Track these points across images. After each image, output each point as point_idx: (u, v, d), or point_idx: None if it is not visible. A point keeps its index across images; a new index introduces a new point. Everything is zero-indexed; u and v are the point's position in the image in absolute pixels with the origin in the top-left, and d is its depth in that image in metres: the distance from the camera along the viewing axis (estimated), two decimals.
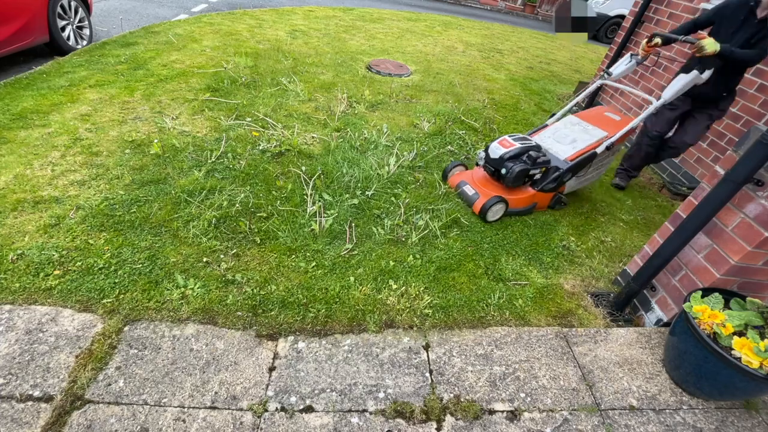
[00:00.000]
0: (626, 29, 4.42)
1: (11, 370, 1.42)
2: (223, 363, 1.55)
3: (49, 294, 1.70)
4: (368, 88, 4.21)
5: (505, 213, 2.56)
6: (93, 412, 1.35)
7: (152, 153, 2.63)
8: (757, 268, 1.74)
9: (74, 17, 4.15)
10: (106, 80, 3.48)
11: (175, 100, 3.34)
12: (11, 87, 3.15)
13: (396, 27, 7.18)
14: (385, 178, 2.80)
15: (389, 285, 2.00)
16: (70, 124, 2.81)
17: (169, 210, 2.21)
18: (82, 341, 1.54)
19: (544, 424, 1.51)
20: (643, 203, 3.21)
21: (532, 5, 13.53)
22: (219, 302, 1.78)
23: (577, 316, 2.02)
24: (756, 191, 1.62)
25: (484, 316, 1.94)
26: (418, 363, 1.66)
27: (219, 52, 4.46)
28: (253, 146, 2.90)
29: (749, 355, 1.45)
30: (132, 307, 1.70)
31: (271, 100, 3.60)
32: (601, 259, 2.45)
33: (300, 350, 1.64)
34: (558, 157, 2.57)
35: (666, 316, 1.97)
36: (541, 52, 7.50)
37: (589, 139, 2.60)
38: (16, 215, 2.04)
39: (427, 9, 10.26)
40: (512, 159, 2.41)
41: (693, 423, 1.59)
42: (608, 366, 1.77)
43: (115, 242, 1.97)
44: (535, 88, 5.33)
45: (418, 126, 3.64)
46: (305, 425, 1.40)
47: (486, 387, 1.60)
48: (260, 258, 2.04)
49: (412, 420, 1.46)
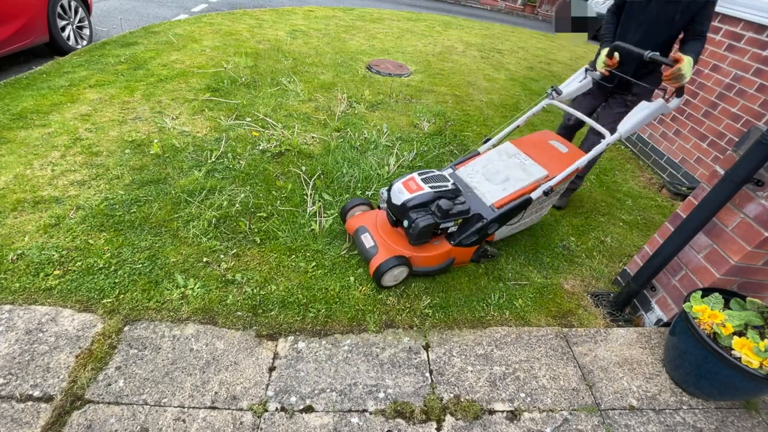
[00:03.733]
0: None
1: (11, 370, 1.42)
2: (223, 363, 1.55)
3: (49, 294, 1.70)
4: (368, 88, 4.21)
5: (410, 274, 1.99)
6: (93, 412, 1.35)
7: (152, 153, 2.63)
8: (757, 268, 1.74)
9: (74, 17, 4.15)
10: (106, 80, 3.48)
11: (175, 100, 3.34)
12: (11, 87, 3.15)
13: (396, 27, 7.18)
14: (385, 178, 2.80)
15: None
16: (70, 124, 2.81)
17: (169, 210, 2.21)
18: (82, 341, 1.54)
19: (544, 424, 1.51)
20: (643, 203, 3.21)
21: (532, 5, 13.53)
22: (219, 302, 1.78)
23: (577, 316, 2.02)
24: (756, 191, 1.62)
25: (484, 316, 1.94)
26: (418, 363, 1.66)
27: (219, 52, 4.46)
28: (253, 146, 2.90)
29: (749, 355, 1.45)
30: (132, 307, 1.70)
31: (271, 100, 3.60)
32: (601, 259, 2.45)
33: (300, 350, 1.64)
34: (484, 202, 2.04)
35: (666, 316, 1.97)
36: (541, 52, 7.50)
37: (525, 179, 2.06)
38: (16, 215, 2.04)
39: (427, 9, 10.26)
40: (417, 208, 1.84)
41: (693, 423, 1.59)
42: (608, 366, 1.77)
43: (115, 242, 1.97)
44: (535, 88, 5.33)
45: (418, 126, 3.64)
46: (305, 425, 1.40)
47: (486, 387, 1.60)
48: (260, 258, 2.04)
49: (412, 420, 1.46)
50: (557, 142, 2.31)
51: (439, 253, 1.98)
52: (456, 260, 2.09)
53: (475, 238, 1.99)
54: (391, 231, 2.04)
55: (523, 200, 1.99)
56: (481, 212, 1.99)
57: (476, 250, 2.15)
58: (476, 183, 2.14)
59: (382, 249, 1.94)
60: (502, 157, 2.22)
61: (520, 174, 2.10)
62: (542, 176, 2.06)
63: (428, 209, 1.86)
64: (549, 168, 2.10)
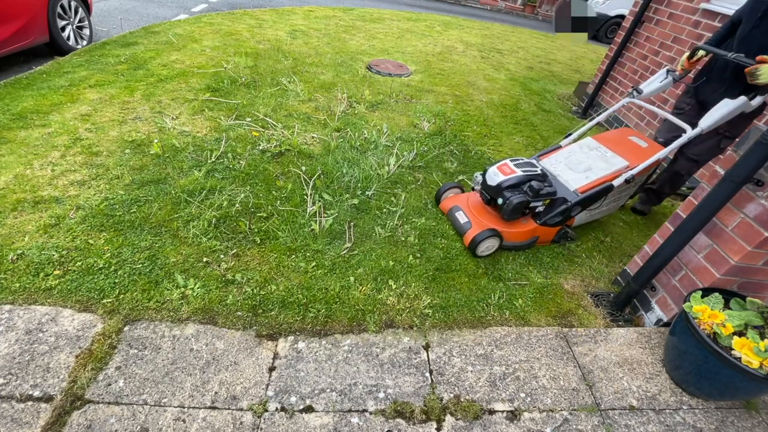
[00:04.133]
0: (626, 29, 4.42)
1: (11, 370, 1.42)
2: (223, 363, 1.55)
3: (49, 294, 1.70)
4: (368, 88, 4.21)
5: (500, 247, 2.27)
6: (93, 412, 1.35)
7: (152, 153, 2.63)
8: (757, 268, 1.74)
9: (74, 17, 4.15)
10: (106, 80, 3.48)
11: (175, 100, 3.34)
12: (11, 87, 3.15)
13: (396, 27, 7.18)
14: (385, 178, 2.80)
15: (389, 285, 2.00)
16: (70, 124, 2.81)
17: (169, 210, 2.21)
18: (82, 341, 1.54)
19: (544, 424, 1.51)
20: None
21: (532, 5, 13.53)
22: (219, 302, 1.78)
23: (577, 316, 2.02)
24: (756, 191, 1.62)
25: (484, 316, 1.94)
26: (418, 363, 1.66)
27: (219, 52, 4.46)
28: (253, 146, 2.90)
29: (749, 355, 1.45)
30: (132, 307, 1.70)
31: (271, 100, 3.60)
32: (601, 259, 2.45)
33: (300, 350, 1.64)
34: (567, 187, 2.24)
35: (666, 316, 1.97)
36: (541, 52, 7.50)
37: (607, 168, 2.25)
38: (16, 215, 2.04)
39: (427, 9, 10.26)
40: (511, 188, 2.13)
41: (693, 423, 1.59)
42: (608, 366, 1.77)
43: (115, 242, 1.97)
44: (535, 88, 5.33)
45: (418, 126, 3.64)
46: (305, 425, 1.40)
47: (486, 387, 1.60)
48: (260, 258, 2.04)
49: (412, 420, 1.46)
50: (637, 138, 2.46)
51: (526, 230, 2.26)
52: (540, 238, 2.35)
53: (559, 218, 2.24)
54: (482, 210, 2.34)
55: (605, 187, 2.18)
56: (566, 196, 2.21)
57: (558, 231, 2.38)
58: (559, 171, 2.35)
59: (475, 224, 2.26)
60: (583, 149, 2.42)
61: (601, 164, 2.29)
62: (623, 166, 2.23)
63: (520, 189, 2.14)
64: (630, 159, 2.27)
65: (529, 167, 2.20)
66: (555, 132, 4.08)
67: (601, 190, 2.19)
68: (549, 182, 2.20)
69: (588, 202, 2.22)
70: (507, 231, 2.22)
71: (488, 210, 2.33)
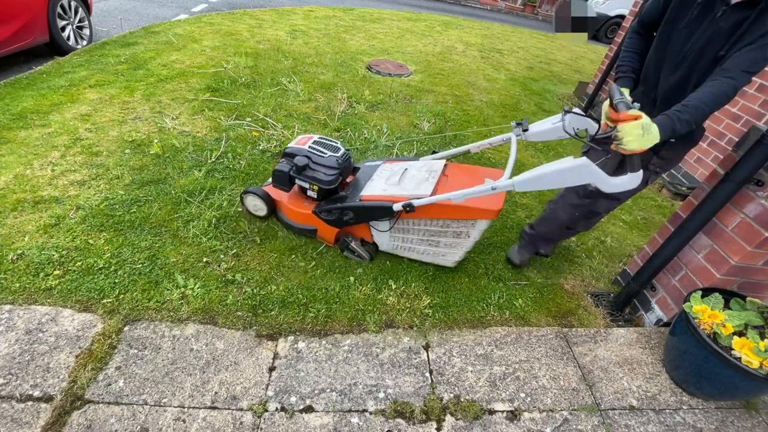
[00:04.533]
0: (626, 29, 4.42)
1: (11, 370, 1.42)
2: (223, 363, 1.55)
3: (49, 294, 1.70)
4: (368, 88, 4.21)
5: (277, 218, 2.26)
6: (93, 412, 1.35)
7: (152, 153, 2.63)
8: (757, 268, 1.74)
9: (74, 17, 4.15)
10: (106, 80, 3.48)
11: (175, 100, 3.34)
12: (11, 87, 3.15)
13: (396, 27, 7.18)
14: None
15: (389, 285, 2.00)
16: (70, 124, 2.81)
17: (169, 210, 2.21)
18: (82, 341, 1.54)
19: (544, 424, 1.51)
20: (643, 203, 3.21)
21: (532, 5, 13.52)
22: (219, 302, 1.78)
23: (577, 316, 2.02)
24: (756, 191, 1.62)
25: (484, 316, 1.94)
26: (418, 363, 1.66)
27: (219, 52, 4.46)
28: (253, 146, 2.90)
29: (749, 355, 1.45)
30: (132, 307, 1.70)
31: (271, 100, 3.60)
32: (601, 259, 2.45)
33: (300, 350, 1.64)
34: (360, 192, 2.00)
35: (666, 316, 1.97)
36: (541, 52, 7.50)
37: (402, 190, 1.91)
38: (16, 215, 2.04)
39: (427, 9, 10.26)
40: (288, 156, 2.05)
41: (693, 423, 1.59)
42: (608, 366, 1.77)
43: (115, 242, 1.97)
44: (535, 88, 5.33)
45: (418, 126, 3.64)
46: (305, 425, 1.40)
47: (486, 387, 1.60)
48: (260, 258, 2.04)
49: (412, 420, 1.46)
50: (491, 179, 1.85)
51: (301, 212, 2.12)
52: (318, 233, 2.18)
53: (331, 216, 2.02)
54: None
55: (384, 206, 1.87)
56: (350, 198, 2.00)
57: (339, 236, 2.14)
58: (376, 178, 2.09)
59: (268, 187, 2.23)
60: (422, 169, 2.08)
61: (409, 185, 1.95)
62: (418, 193, 1.86)
63: (290, 161, 2.04)
64: (438, 191, 1.87)
65: (325, 148, 2.04)
66: None
67: (378, 207, 1.90)
68: (330, 172, 1.99)
69: (362, 213, 1.95)
70: (283, 204, 2.18)
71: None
